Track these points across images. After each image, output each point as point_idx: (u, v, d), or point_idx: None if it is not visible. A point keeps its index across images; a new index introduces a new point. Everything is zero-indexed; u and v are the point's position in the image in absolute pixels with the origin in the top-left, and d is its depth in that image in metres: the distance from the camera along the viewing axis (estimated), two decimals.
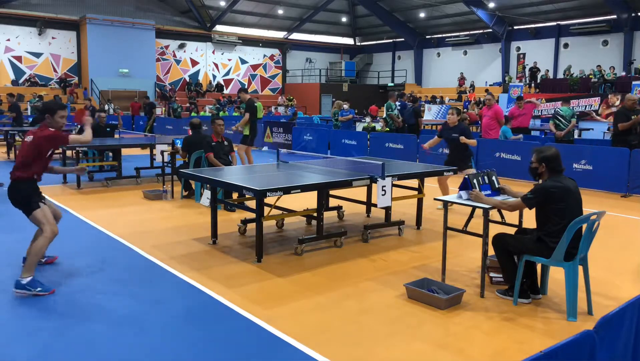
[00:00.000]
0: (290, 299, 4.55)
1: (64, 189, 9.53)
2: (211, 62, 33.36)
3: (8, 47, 26.85)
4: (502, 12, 28.14)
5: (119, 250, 5.88)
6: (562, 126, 11.24)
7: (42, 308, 4.28)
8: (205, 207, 7.99)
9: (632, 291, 4.75)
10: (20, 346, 3.65)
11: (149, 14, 30.46)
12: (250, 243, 6.25)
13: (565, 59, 27.73)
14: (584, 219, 4.14)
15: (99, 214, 7.58)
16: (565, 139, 11.17)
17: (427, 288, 4.61)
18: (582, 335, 2.29)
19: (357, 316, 4.22)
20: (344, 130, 16.22)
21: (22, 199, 4.75)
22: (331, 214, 7.65)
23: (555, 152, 4.31)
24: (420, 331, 3.98)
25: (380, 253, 5.97)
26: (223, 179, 5.85)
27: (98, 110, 15.67)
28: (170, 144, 9.47)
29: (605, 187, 10.04)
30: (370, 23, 35.70)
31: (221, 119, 8.77)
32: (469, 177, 4.80)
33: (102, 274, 5.11)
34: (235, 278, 5.05)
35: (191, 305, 4.41)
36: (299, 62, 37.03)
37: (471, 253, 5.90)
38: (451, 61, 33.06)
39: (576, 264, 4.23)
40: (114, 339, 3.76)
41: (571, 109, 12.56)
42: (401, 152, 13.27)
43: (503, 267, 4.60)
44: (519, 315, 4.27)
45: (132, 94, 28.36)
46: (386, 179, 5.94)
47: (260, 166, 7.32)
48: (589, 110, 20.26)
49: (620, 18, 24.63)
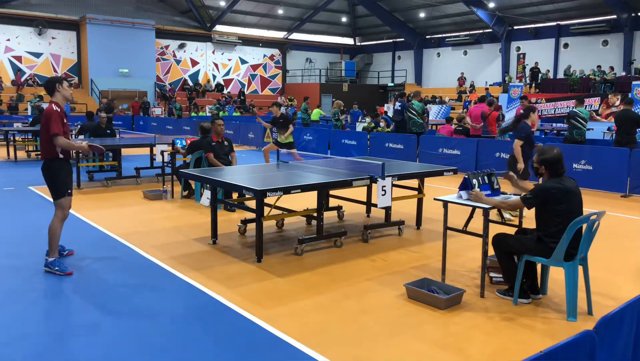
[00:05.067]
0: (290, 299, 4.55)
1: None
2: (211, 62, 33.38)
3: (8, 47, 26.87)
4: (502, 12, 28.14)
5: (119, 250, 5.88)
6: (580, 127, 11.14)
7: (42, 308, 4.28)
8: (205, 207, 7.99)
9: (632, 291, 4.75)
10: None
11: (149, 14, 30.48)
12: (250, 243, 6.25)
13: (565, 59, 27.74)
14: (584, 220, 4.13)
15: (99, 214, 7.58)
16: (579, 140, 11.12)
17: (427, 288, 4.61)
18: (582, 335, 2.29)
19: (357, 316, 4.22)
20: (344, 130, 16.25)
21: (50, 180, 5.09)
22: (331, 214, 7.65)
23: (556, 155, 4.28)
24: (420, 331, 3.98)
25: (380, 253, 5.97)
26: (223, 179, 5.85)
27: (106, 108, 15.83)
28: (170, 144, 9.46)
29: (605, 187, 10.04)
30: (370, 23, 35.71)
31: (221, 119, 8.77)
32: (469, 177, 4.80)
33: (102, 274, 5.11)
34: (235, 278, 5.05)
35: (191, 304, 4.41)
36: (299, 62, 37.05)
37: (471, 253, 5.90)
38: (451, 61, 33.07)
39: (576, 265, 4.23)
40: (113, 339, 3.76)
41: (587, 110, 12.38)
42: (401, 152, 13.27)
43: (503, 267, 4.60)
44: (519, 315, 4.27)
45: (132, 94, 28.38)
46: (386, 179, 5.94)
47: (260, 166, 7.32)
48: (589, 110, 20.22)
49: (620, 18, 24.64)
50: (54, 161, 5.07)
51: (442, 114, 25.48)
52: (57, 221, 5.10)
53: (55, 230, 5.09)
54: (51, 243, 5.08)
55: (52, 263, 5.06)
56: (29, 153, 14.73)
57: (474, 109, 13.21)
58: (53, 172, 5.08)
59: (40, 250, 5.58)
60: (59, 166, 5.10)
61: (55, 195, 5.12)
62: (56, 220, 5.10)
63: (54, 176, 5.08)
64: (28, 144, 15.00)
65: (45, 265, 5.10)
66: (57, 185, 5.09)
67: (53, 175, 5.08)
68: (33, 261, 5.41)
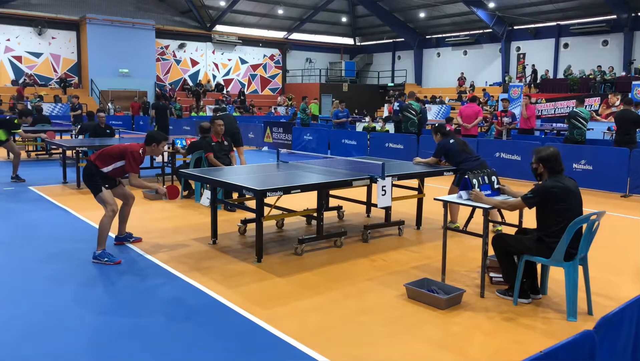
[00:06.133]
0: (290, 299, 4.54)
1: (64, 189, 9.53)
2: (211, 62, 33.37)
3: (8, 47, 26.86)
4: (502, 12, 28.14)
5: (119, 250, 5.88)
6: (581, 127, 11.13)
7: (41, 309, 4.28)
8: (205, 207, 7.99)
9: (632, 291, 4.75)
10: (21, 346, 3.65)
11: (149, 14, 30.47)
12: (250, 243, 6.25)
13: (565, 59, 27.73)
14: (584, 219, 4.14)
15: (99, 214, 7.54)
16: (580, 140, 11.12)
17: (427, 288, 4.61)
18: (582, 335, 2.29)
19: (357, 316, 4.22)
20: (344, 130, 16.25)
21: (89, 179, 5.56)
22: (331, 214, 7.65)
23: (553, 153, 4.31)
24: (420, 331, 3.98)
25: (380, 253, 5.97)
26: (223, 179, 5.84)
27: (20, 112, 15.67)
28: (171, 144, 9.46)
29: (605, 187, 10.04)
30: (370, 23, 35.71)
31: (221, 119, 8.76)
32: (469, 177, 4.80)
33: (101, 274, 5.11)
34: (235, 278, 5.05)
35: (191, 304, 4.41)
36: (299, 62, 37.04)
37: (471, 253, 5.90)
38: (451, 61, 33.07)
39: (576, 264, 4.23)
40: (113, 339, 3.76)
41: (587, 110, 12.36)
42: (401, 152, 13.26)
43: (503, 267, 4.60)
44: (519, 315, 4.27)
45: (132, 94, 28.38)
46: (386, 179, 5.94)
47: (260, 166, 7.31)
48: (589, 110, 20.21)
49: (620, 18, 24.64)
50: (99, 169, 5.55)
51: (442, 114, 25.49)
52: (106, 218, 5.47)
53: (104, 226, 5.45)
54: (100, 237, 5.46)
55: (99, 255, 5.42)
56: (29, 153, 14.72)
57: (464, 108, 13.22)
58: (93, 176, 5.54)
59: (41, 250, 5.58)
60: (100, 175, 5.56)
61: (94, 192, 5.54)
62: (105, 217, 5.46)
63: (93, 177, 5.54)
64: (28, 144, 14.99)
65: (93, 257, 5.43)
66: (96, 182, 5.53)
67: (92, 177, 5.54)
68: (33, 261, 5.42)
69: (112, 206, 5.51)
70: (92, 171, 5.55)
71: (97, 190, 5.52)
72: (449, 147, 6.76)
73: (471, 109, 12.97)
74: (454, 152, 6.70)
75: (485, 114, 18.13)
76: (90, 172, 5.55)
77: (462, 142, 6.82)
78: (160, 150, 5.79)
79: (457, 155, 6.68)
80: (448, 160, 6.86)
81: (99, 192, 5.51)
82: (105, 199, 5.51)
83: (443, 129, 7.09)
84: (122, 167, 5.62)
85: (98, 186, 5.51)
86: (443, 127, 7.14)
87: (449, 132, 7.10)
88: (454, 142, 6.78)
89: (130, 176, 5.63)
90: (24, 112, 11.47)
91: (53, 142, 10.83)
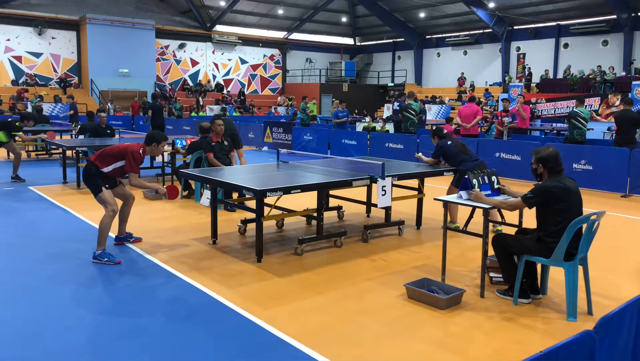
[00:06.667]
0: (290, 299, 4.55)
1: (64, 189, 9.53)
2: (211, 62, 33.36)
3: (8, 47, 26.85)
4: (502, 12, 28.14)
5: (119, 250, 5.88)
6: (581, 127, 11.13)
7: (41, 309, 4.28)
8: (205, 207, 7.99)
9: (632, 291, 4.75)
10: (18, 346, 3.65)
11: (149, 14, 30.46)
12: (250, 243, 6.25)
13: (565, 59, 27.72)
14: (584, 219, 4.14)
15: (99, 215, 7.54)
16: (580, 140, 11.11)
17: (427, 288, 4.61)
18: (582, 335, 2.29)
19: (357, 316, 4.22)
20: (344, 130, 16.24)
21: (89, 179, 5.56)
22: (331, 214, 7.65)
23: (552, 153, 4.31)
24: (420, 331, 3.98)
25: (380, 253, 5.97)
26: (223, 179, 5.85)
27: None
28: (171, 144, 9.46)
29: (605, 187, 10.04)
30: (370, 23, 35.70)
31: (221, 119, 8.75)
32: (469, 177, 4.80)
33: (101, 274, 5.11)
34: (235, 278, 5.05)
35: (191, 304, 4.41)
36: (299, 62, 37.02)
37: (471, 253, 5.90)
38: (451, 61, 33.06)
39: (576, 264, 4.23)
40: (113, 339, 3.76)
41: (587, 110, 12.35)
42: (401, 152, 13.26)
43: (503, 267, 4.60)
44: (519, 315, 4.27)
45: (132, 94, 28.37)
46: (386, 179, 5.94)
47: (260, 166, 7.31)
48: (589, 110, 20.22)
49: (620, 18, 24.63)
50: (99, 170, 5.56)
51: (442, 114, 25.48)
52: (106, 218, 5.48)
53: (104, 226, 5.46)
54: (100, 237, 5.47)
55: (99, 255, 5.42)
56: (29, 153, 14.72)
57: (463, 108, 13.24)
58: (94, 176, 5.54)
59: (41, 250, 5.58)
60: (100, 175, 5.56)
61: (94, 192, 5.56)
62: (105, 217, 5.47)
63: (93, 177, 5.55)
64: (28, 144, 14.99)
65: (93, 257, 5.44)
66: (96, 182, 5.53)
67: (92, 177, 5.55)
68: (33, 260, 5.41)
69: (112, 206, 5.52)
70: (92, 171, 5.56)
71: (97, 190, 5.53)
72: (447, 148, 6.78)
73: (470, 109, 12.99)
74: (452, 153, 6.73)
75: (485, 114, 18.12)
76: (90, 172, 5.56)
77: (461, 144, 6.86)
78: (160, 150, 5.81)
79: (455, 156, 6.71)
80: (447, 161, 6.88)
81: (99, 192, 5.53)
82: (106, 199, 5.52)
83: (440, 132, 7.12)
84: (122, 167, 5.62)
85: (98, 186, 5.52)
86: (440, 130, 7.18)
87: (447, 135, 7.14)
88: (451, 143, 6.81)
89: (131, 176, 5.64)
90: (26, 116, 11.55)
91: (53, 142, 10.83)
